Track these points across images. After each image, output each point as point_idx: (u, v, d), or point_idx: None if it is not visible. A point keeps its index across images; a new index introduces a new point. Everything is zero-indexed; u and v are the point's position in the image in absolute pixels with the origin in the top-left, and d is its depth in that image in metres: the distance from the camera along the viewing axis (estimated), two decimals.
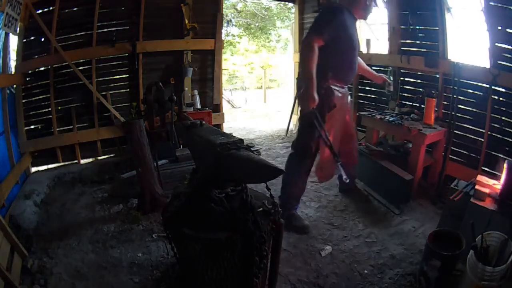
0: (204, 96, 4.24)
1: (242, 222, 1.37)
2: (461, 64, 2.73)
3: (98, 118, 3.60)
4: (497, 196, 1.89)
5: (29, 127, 3.37)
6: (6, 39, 2.88)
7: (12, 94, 3.14)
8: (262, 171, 1.27)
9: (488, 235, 1.64)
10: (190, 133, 1.72)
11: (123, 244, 2.30)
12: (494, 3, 2.39)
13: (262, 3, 11.14)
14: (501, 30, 2.43)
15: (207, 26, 4.01)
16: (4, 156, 2.76)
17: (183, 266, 1.69)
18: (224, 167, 1.40)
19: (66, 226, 2.52)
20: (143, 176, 2.65)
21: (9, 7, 2.51)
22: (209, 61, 4.19)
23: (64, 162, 3.54)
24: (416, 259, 2.06)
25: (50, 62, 3.33)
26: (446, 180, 2.79)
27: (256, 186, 1.78)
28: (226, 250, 1.41)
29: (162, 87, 2.87)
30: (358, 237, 2.34)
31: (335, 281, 1.94)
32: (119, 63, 3.70)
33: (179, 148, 3.56)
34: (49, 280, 1.93)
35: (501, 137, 2.54)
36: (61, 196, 3.00)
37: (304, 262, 2.10)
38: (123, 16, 3.59)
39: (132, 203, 2.81)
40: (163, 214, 1.62)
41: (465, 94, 2.76)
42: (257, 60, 13.17)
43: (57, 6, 3.20)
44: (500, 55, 2.47)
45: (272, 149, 4.46)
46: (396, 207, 2.65)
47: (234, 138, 1.50)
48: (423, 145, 2.66)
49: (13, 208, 2.52)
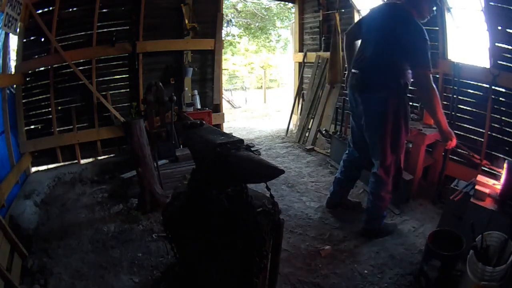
0: (204, 96, 4.24)
1: (242, 222, 1.37)
2: (461, 64, 2.73)
3: (98, 118, 3.60)
4: (497, 196, 1.89)
5: (29, 127, 3.36)
6: (6, 39, 2.87)
7: (12, 94, 3.14)
8: (262, 171, 1.27)
9: (488, 235, 1.64)
10: (190, 133, 1.71)
11: (123, 244, 2.30)
12: (494, 3, 2.39)
13: (262, 3, 11.16)
14: (501, 30, 2.43)
15: (207, 26, 4.01)
16: (4, 156, 2.76)
17: (183, 266, 1.69)
18: (224, 167, 1.39)
19: (66, 226, 2.52)
20: (143, 176, 2.65)
21: (9, 7, 2.51)
22: (209, 61, 4.20)
23: (64, 162, 3.54)
24: (416, 259, 2.06)
25: (50, 62, 3.32)
26: (446, 180, 2.79)
27: (256, 186, 1.77)
28: (226, 250, 1.41)
29: (162, 87, 2.87)
30: (358, 237, 2.34)
31: (335, 281, 1.93)
32: (119, 63, 3.71)
33: (179, 148, 3.56)
34: (49, 280, 1.93)
35: (501, 137, 2.54)
36: (61, 196, 3.00)
37: (304, 262, 2.10)
38: (123, 16, 3.59)
39: (132, 203, 2.81)
40: (163, 214, 1.62)
41: (465, 94, 2.76)
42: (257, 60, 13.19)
43: (57, 6, 3.20)
44: (500, 55, 2.47)
45: (272, 149, 4.46)
46: (396, 207, 2.65)
47: (234, 138, 1.50)
48: (423, 145, 2.66)
49: (13, 208, 2.52)
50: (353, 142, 2.48)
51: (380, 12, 2.23)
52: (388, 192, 2.28)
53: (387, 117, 2.09)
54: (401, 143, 2.19)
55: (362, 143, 2.35)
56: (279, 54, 13.42)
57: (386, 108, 2.08)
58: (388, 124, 2.10)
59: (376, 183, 2.26)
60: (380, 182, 2.24)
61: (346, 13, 4.06)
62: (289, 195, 3.05)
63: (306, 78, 4.91)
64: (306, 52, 4.85)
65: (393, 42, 2.03)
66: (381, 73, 2.08)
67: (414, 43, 1.97)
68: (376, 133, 2.17)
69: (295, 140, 4.69)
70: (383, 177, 2.22)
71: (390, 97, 2.07)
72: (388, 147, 2.15)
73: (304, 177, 3.47)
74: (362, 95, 2.19)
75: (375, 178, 2.26)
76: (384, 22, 2.11)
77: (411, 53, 2.00)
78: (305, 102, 4.75)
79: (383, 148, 2.16)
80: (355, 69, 2.24)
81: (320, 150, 4.17)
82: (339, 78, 4.05)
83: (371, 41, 2.16)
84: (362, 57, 2.19)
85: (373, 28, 2.17)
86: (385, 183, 2.24)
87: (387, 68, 2.07)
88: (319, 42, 4.60)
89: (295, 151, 4.31)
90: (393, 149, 2.17)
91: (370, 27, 2.21)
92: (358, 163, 2.51)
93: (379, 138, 2.16)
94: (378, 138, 2.16)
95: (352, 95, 2.27)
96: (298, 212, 2.72)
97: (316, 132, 4.36)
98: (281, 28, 12.37)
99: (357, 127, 2.37)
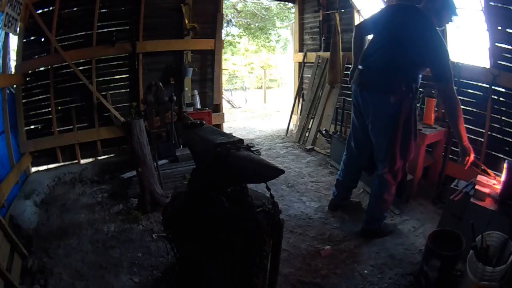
0: (204, 96, 4.24)
1: (242, 222, 1.37)
2: (461, 64, 2.73)
3: (98, 118, 3.59)
4: (497, 196, 1.89)
5: (29, 127, 3.36)
6: (6, 39, 2.87)
7: (12, 94, 3.13)
8: (262, 171, 1.27)
9: (488, 235, 1.64)
10: (190, 133, 1.71)
11: (123, 244, 2.30)
12: (494, 3, 2.39)
13: (262, 3, 11.15)
14: (501, 30, 2.44)
15: (207, 26, 4.01)
16: (4, 156, 2.75)
17: (183, 266, 1.69)
18: (224, 167, 1.39)
19: (66, 226, 2.52)
20: (143, 176, 2.65)
21: (9, 7, 2.50)
22: (209, 61, 4.19)
23: (64, 162, 3.54)
24: (416, 259, 2.06)
25: (50, 62, 3.32)
26: (446, 180, 2.79)
27: (256, 186, 1.77)
28: (226, 250, 1.41)
29: (162, 87, 2.87)
30: (358, 237, 2.34)
31: (335, 281, 1.93)
32: (119, 63, 3.70)
33: (179, 148, 3.56)
34: (49, 280, 1.93)
35: (501, 137, 2.54)
36: (61, 196, 3.00)
37: (304, 262, 2.10)
38: (123, 16, 3.59)
39: (132, 203, 2.81)
40: (163, 214, 1.62)
41: (465, 94, 2.76)
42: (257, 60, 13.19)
43: (57, 6, 3.19)
44: (500, 55, 2.48)
45: (272, 149, 4.46)
46: (396, 207, 2.65)
47: (234, 138, 1.50)
48: (423, 145, 2.66)
49: (13, 208, 2.52)
50: (354, 141, 2.43)
51: (397, 11, 2.13)
52: (391, 195, 2.27)
53: (399, 121, 2.06)
54: (411, 148, 2.17)
55: (364, 142, 2.32)
56: (279, 54, 13.43)
57: (398, 112, 2.04)
58: (399, 129, 2.07)
59: (381, 185, 2.24)
60: (385, 185, 2.22)
61: (346, 13, 4.06)
62: (289, 195, 3.05)
63: (306, 78, 4.91)
64: (306, 52, 4.85)
65: (411, 46, 1.98)
66: (394, 74, 2.03)
67: (437, 55, 1.92)
68: (384, 135, 2.14)
69: (295, 140, 4.69)
70: (389, 181, 2.20)
71: (403, 101, 2.03)
72: (398, 151, 2.12)
73: (304, 177, 3.47)
74: (372, 94, 2.12)
75: (380, 180, 2.23)
76: (400, 22, 2.04)
77: (433, 63, 1.96)
78: (305, 102, 4.75)
79: (393, 152, 2.13)
80: (365, 66, 2.17)
81: (320, 150, 4.17)
82: (339, 78, 4.05)
83: (384, 40, 2.10)
84: (374, 55, 2.12)
85: (388, 26, 2.09)
86: (390, 186, 2.23)
87: (400, 70, 2.02)
88: (319, 42, 4.60)
89: (295, 151, 4.31)
90: (402, 154, 2.14)
91: (384, 25, 2.12)
92: (358, 163, 2.49)
93: (388, 142, 2.12)
94: (387, 141, 2.13)
95: (359, 93, 2.21)
96: (298, 212, 2.72)
97: (316, 132, 4.36)
98: (281, 28, 12.37)
99: (360, 126, 2.32)
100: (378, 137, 2.19)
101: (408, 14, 2.05)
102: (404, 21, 2.04)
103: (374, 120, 2.16)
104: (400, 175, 2.21)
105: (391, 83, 2.03)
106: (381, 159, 2.21)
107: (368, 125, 2.22)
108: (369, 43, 2.24)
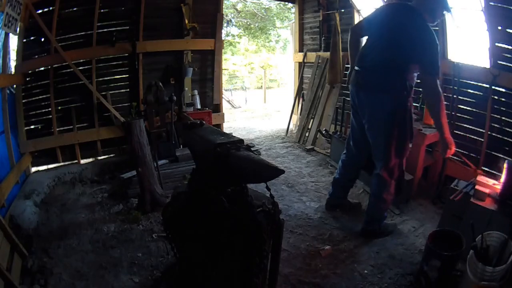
0: (204, 96, 4.24)
1: (242, 222, 1.37)
2: (461, 64, 2.73)
3: (98, 118, 3.59)
4: (497, 196, 1.90)
5: (29, 127, 3.36)
6: (6, 39, 2.87)
7: (12, 94, 3.13)
8: (262, 171, 1.27)
9: (488, 235, 1.64)
10: (190, 133, 1.71)
11: (123, 244, 2.30)
12: (494, 3, 2.39)
13: (262, 3, 11.16)
14: (501, 30, 2.43)
15: (207, 26, 4.01)
16: (4, 156, 2.75)
17: (183, 266, 1.69)
18: (224, 167, 1.39)
19: (66, 226, 2.52)
20: (143, 176, 2.65)
21: (9, 7, 2.50)
22: (209, 61, 4.19)
23: (64, 162, 3.54)
24: (416, 259, 2.06)
25: (50, 62, 3.32)
26: (446, 180, 2.79)
27: (256, 186, 1.78)
28: (226, 250, 1.41)
29: (162, 87, 2.87)
30: (358, 237, 2.34)
31: (335, 281, 1.93)
32: (119, 63, 3.70)
33: (179, 148, 3.56)
34: (49, 280, 1.93)
35: (501, 137, 2.54)
36: (61, 196, 3.00)
37: (304, 262, 2.10)
38: (123, 16, 3.59)
39: (132, 203, 2.81)
40: (163, 214, 1.62)
41: (465, 94, 2.76)
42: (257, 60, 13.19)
43: (57, 6, 3.19)
44: (500, 55, 2.47)
45: (272, 149, 4.46)
46: (396, 207, 2.65)
47: (234, 138, 1.50)
48: (423, 145, 2.66)
49: (13, 208, 2.52)
50: (353, 140, 2.45)
51: (391, 11, 2.16)
52: (390, 194, 2.27)
53: (393, 120, 2.07)
54: (406, 146, 2.17)
55: (362, 142, 2.33)
56: (279, 54, 13.43)
57: (393, 110, 2.06)
58: (394, 127, 2.09)
59: (379, 184, 2.25)
60: (382, 183, 2.23)
61: (346, 13, 4.06)
62: (289, 195, 3.05)
63: (306, 78, 4.91)
64: (306, 52, 4.85)
65: (404, 44, 2.00)
66: (389, 73, 2.05)
67: (427, 49, 1.95)
68: (380, 134, 2.15)
69: (295, 140, 4.69)
70: (386, 178, 2.21)
71: (398, 99, 2.05)
72: (393, 149, 2.14)
73: (304, 177, 3.47)
74: (367, 94, 2.15)
75: (378, 179, 2.25)
76: (396, 22, 2.07)
77: (422, 58, 1.97)
78: (305, 102, 4.75)
79: (388, 150, 2.14)
80: (361, 66, 2.19)
81: (320, 150, 4.17)
82: (339, 78, 4.05)
83: (380, 40, 2.12)
84: (370, 55, 2.14)
85: (383, 26, 2.12)
86: (388, 184, 2.23)
87: (395, 69, 2.03)
88: (319, 42, 4.60)
89: (295, 151, 4.31)
90: (397, 152, 2.15)
91: (379, 25, 2.14)
92: (357, 163, 2.50)
93: (384, 140, 2.14)
94: (383, 139, 2.15)
95: (356, 93, 2.23)
96: (298, 212, 2.72)
97: (316, 132, 4.36)
98: (281, 28, 12.38)
99: (358, 125, 2.35)
100: (375, 136, 2.21)
101: (403, 13, 2.08)
102: (399, 20, 2.06)
103: (370, 120, 2.18)
104: (396, 172, 2.22)
105: (386, 82, 2.05)
106: (379, 158, 2.22)
107: (364, 124, 2.24)
108: (365, 44, 2.26)
